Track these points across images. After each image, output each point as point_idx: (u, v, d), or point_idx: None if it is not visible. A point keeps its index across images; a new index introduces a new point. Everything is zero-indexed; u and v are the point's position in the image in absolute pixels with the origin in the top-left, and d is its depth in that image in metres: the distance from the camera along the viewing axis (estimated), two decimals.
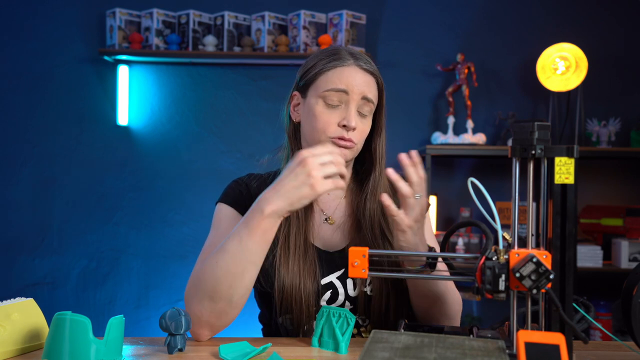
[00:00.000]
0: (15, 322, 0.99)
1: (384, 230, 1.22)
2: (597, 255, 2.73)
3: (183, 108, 3.08)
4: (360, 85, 1.17)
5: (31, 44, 3.08)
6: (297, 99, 1.25)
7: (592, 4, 3.04)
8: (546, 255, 0.82)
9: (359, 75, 1.18)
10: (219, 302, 1.05)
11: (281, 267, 1.16)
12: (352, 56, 1.19)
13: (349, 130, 1.16)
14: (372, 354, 0.73)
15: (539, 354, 0.72)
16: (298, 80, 1.25)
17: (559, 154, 0.85)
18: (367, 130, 1.21)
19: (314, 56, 1.23)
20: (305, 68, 1.23)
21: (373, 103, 1.20)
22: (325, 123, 1.17)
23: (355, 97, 1.17)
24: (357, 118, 1.18)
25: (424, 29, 3.06)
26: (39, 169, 3.08)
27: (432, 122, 3.06)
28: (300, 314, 1.15)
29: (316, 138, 1.18)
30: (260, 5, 3.01)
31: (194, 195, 3.07)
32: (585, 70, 2.81)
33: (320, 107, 1.18)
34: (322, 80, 1.18)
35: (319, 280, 1.18)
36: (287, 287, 1.15)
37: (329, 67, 1.18)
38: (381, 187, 1.25)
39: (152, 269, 3.08)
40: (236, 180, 1.30)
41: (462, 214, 2.93)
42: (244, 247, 1.04)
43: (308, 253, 1.18)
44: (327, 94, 1.17)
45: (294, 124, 1.26)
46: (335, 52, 1.21)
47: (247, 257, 1.05)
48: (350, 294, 1.20)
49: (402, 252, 1.19)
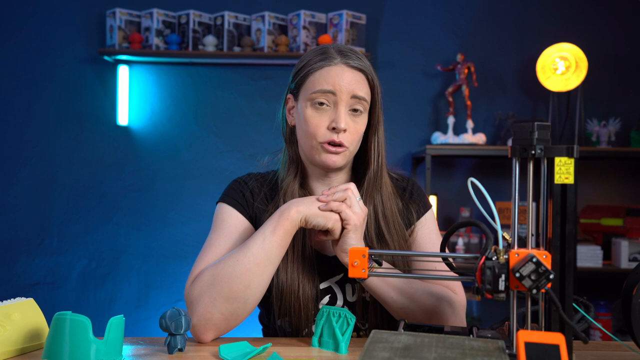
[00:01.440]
0: (15, 322, 0.99)
1: (381, 230, 1.20)
2: (597, 255, 2.73)
3: (183, 108, 3.08)
4: (349, 84, 1.13)
5: (31, 44, 3.08)
6: (292, 102, 1.22)
7: (592, 4, 3.04)
8: (546, 255, 0.82)
9: (347, 73, 1.14)
10: (234, 303, 1.05)
11: (280, 270, 1.15)
12: (340, 54, 1.16)
13: (339, 132, 1.13)
14: (372, 354, 0.73)
15: (539, 354, 0.72)
16: (290, 82, 1.22)
17: (559, 154, 0.85)
18: (361, 129, 1.17)
19: (304, 57, 1.21)
20: (296, 69, 1.21)
21: (366, 101, 1.16)
22: (315, 127, 1.14)
23: (344, 97, 1.13)
24: (349, 118, 1.14)
25: (424, 29, 3.06)
26: (39, 169, 3.08)
27: (432, 122, 3.06)
28: (299, 317, 1.15)
29: (308, 144, 1.16)
30: (260, 5, 3.01)
31: (194, 195, 3.07)
32: (585, 70, 2.81)
33: (310, 110, 1.15)
34: (310, 81, 1.16)
35: (318, 285, 1.17)
36: (286, 291, 1.14)
37: (316, 68, 1.15)
38: (382, 185, 1.22)
39: (152, 269, 3.08)
40: (236, 179, 1.29)
41: (462, 214, 2.93)
42: (267, 247, 1.05)
43: (307, 257, 1.17)
44: (315, 96, 1.14)
45: (290, 128, 1.23)
46: (323, 52, 1.17)
47: (268, 256, 1.06)
48: (348, 299, 1.19)
49: (402, 252, 1.19)
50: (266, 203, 1.23)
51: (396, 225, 1.22)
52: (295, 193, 1.20)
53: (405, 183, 1.30)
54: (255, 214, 1.23)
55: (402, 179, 1.31)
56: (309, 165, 1.23)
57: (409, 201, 1.27)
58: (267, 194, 1.25)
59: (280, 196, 1.21)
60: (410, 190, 1.29)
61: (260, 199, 1.24)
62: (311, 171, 1.23)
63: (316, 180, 1.24)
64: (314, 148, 1.15)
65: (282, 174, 1.24)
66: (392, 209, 1.22)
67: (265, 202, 1.24)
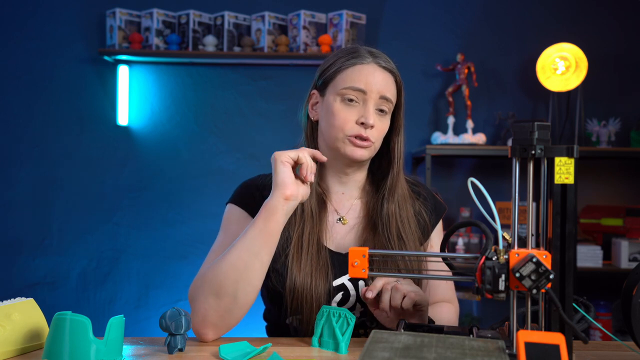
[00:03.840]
0: (15, 322, 0.99)
1: (400, 231, 1.21)
2: (597, 255, 2.73)
3: (183, 108, 3.08)
4: (379, 84, 1.17)
5: (31, 44, 3.08)
6: (316, 98, 1.25)
7: (592, 4, 3.04)
8: (546, 255, 0.82)
9: (377, 73, 1.18)
10: (224, 298, 1.05)
11: (293, 266, 1.16)
12: (371, 54, 1.20)
13: (367, 127, 1.16)
14: (372, 354, 0.73)
15: (539, 354, 0.72)
16: (317, 79, 1.25)
17: (559, 154, 0.85)
18: (385, 129, 1.21)
19: (333, 55, 1.24)
20: (324, 67, 1.24)
21: (391, 102, 1.20)
22: (344, 120, 1.17)
23: (373, 96, 1.17)
24: (376, 116, 1.17)
25: (424, 29, 3.06)
26: (39, 169, 3.08)
27: (432, 122, 3.06)
28: (311, 314, 1.15)
29: (334, 135, 1.18)
30: (260, 5, 3.01)
31: (194, 195, 3.07)
32: (585, 70, 2.81)
33: (339, 104, 1.18)
34: (341, 78, 1.19)
35: (331, 282, 1.18)
36: (299, 287, 1.14)
37: (347, 65, 1.19)
38: (399, 187, 1.24)
39: (152, 269, 3.08)
40: (246, 181, 1.30)
41: (462, 214, 2.93)
42: (247, 239, 1.06)
43: (320, 254, 1.18)
44: (346, 92, 1.17)
45: (312, 123, 1.26)
46: (354, 51, 1.21)
47: (249, 248, 1.06)
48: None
49: (402, 252, 1.19)
50: None
51: (412, 226, 1.25)
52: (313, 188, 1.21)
53: (419, 188, 1.33)
54: None
55: (416, 183, 1.34)
56: (329, 159, 1.23)
57: (423, 206, 1.30)
58: None
59: None
60: (425, 195, 1.32)
61: None
62: (330, 165, 1.25)
63: (334, 176, 1.26)
64: (340, 140, 1.18)
65: None
66: (407, 210, 1.25)
67: None
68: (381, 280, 1.06)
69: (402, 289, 1.04)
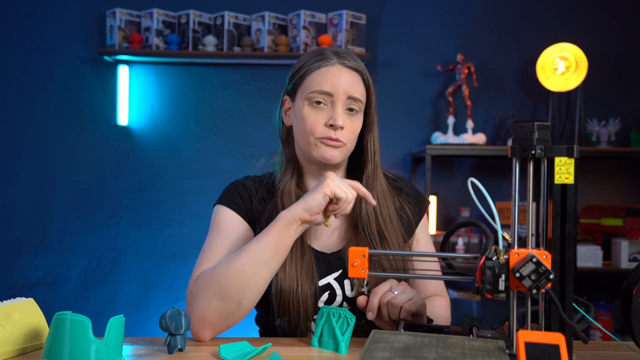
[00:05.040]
0: (15, 322, 0.99)
1: (382, 229, 1.21)
2: (597, 255, 2.73)
3: (183, 108, 3.08)
4: (345, 85, 1.17)
5: (31, 44, 3.08)
6: (288, 103, 1.25)
7: (592, 4, 3.04)
8: (546, 255, 0.82)
9: (343, 73, 1.17)
10: (228, 303, 1.06)
11: (279, 269, 1.16)
12: (336, 55, 1.19)
13: (337, 129, 1.16)
14: (372, 354, 0.73)
15: (539, 354, 0.72)
16: (287, 84, 1.25)
17: (559, 154, 0.85)
18: (357, 128, 1.20)
19: (300, 59, 1.24)
20: (292, 71, 1.24)
21: (361, 101, 1.19)
22: (313, 124, 1.17)
23: (341, 97, 1.17)
24: (345, 117, 1.17)
25: (424, 29, 3.06)
26: (39, 169, 3.08)
27: (432, 122, 3.06)
28: (298, 316, 1.15)
29: (305, 140, 1.18)
30: (260, 5, 3.01)
31: (194, 195, 3.07)
32: (585, 70, 2.81)
33: (307, 108, 1.18)
34: (308, 81, 1.19)
35: (317, 282, 1.18)
36: (285, 290, 1.15)
37: (313, 68, 1.19)
38: (377, 184, 1.24)
39: (152, 269, 3.08)
40: (234, 182, 1.30)
41: (462, 214, 2.93)
42: (260, 248, 1.06)
43: (305, 255, 1.18)
44: (313, 95, 1.17)
45: (286, 129, 1.26)
46: (319, 53, 1.21)
47: (261, 257, 1.06)
48: (348, 295, 1.20)
49: (402, 252, 1.19)
50: (264, 204, 1.25)
51: (394, 223, 1.24)
52: (292, 192, 1.22)
53: (401, 183, 1.33)
54: (254, 216, 1.24)
55: (398, 179, 1.34)
56: (305, 163, 1.25)
57: (405, 202, 1.30)
58: (265, 196, 1.26)
59: (278, 196, 1.23)
60: (407, 190, 1.32)
61: (258, 200, 1.25)
62: (307, 169, 1.26)
63: (312, 179, 1.26)
64: (312, 144, 1.17)
65: (279, 175, 1.26)
66: (388, 207, 1.24)
67: (263, 204, 1.25)
68: (376, 297, 1.07)
69: (398, 303, 1.05)
